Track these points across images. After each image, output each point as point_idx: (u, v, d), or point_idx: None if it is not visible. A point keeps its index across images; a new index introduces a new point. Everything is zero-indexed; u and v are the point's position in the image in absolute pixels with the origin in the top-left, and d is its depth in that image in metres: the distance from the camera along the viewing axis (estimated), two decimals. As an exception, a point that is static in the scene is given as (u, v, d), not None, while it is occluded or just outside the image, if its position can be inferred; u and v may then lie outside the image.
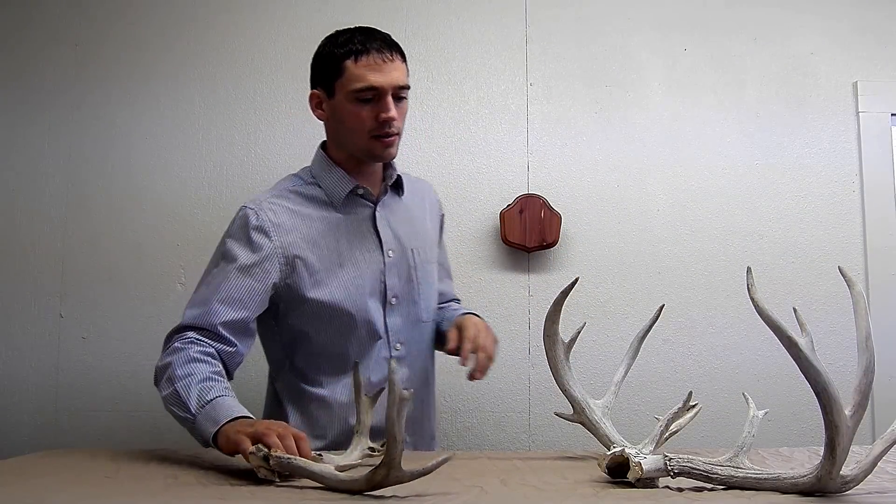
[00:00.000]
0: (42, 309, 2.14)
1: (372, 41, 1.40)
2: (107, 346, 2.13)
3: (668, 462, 0.95)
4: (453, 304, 1.72)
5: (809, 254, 2.21)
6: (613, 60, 2.26)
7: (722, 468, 0.95)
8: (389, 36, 1.44)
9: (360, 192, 1.48)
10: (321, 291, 1.41)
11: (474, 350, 1.39)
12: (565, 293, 1.14)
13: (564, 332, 1.21)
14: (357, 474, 0.94)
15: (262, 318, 1.44)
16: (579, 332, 1.24)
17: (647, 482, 0.97)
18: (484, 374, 1.39)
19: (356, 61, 1.38)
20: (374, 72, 1.38)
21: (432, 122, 2.20)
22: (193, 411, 1.20)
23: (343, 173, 1.48)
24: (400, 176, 1.55)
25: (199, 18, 2.23)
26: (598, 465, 1.04)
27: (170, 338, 1.34)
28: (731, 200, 2.22)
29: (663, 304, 1.27)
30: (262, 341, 1.51)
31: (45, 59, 2.21)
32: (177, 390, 1.23)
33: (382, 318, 1.47)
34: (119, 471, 1.12)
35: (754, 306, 0.89)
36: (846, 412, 0.88)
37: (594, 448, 1.29)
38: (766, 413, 1.03)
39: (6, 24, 2.22)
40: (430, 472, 0.90)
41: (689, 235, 2.21)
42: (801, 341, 0.88)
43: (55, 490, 0.99)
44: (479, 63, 2.24)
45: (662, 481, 0.98)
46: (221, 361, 1.32)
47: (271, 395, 1.54)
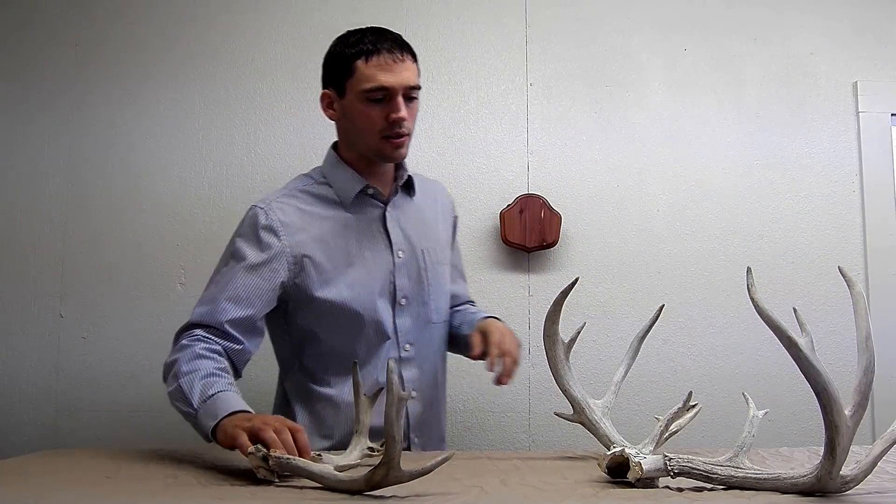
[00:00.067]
0: (42, 309, 2.14)
1: (383, 41, 1.40)
2: (107, 346, 2.13)
3: (668, 462, 0.95)
4: (468, 306, 1.70)
5: (809, 254, 2.21)
6: (613, 60, 2.26)
7: (722, 468, 0.95)
8: (401, 36, 1.43)
9: (371, 191, 1.48)
10: (329, 291, 1.41)
11: (500, 355, 1.39)
12: (565, 293, 1.14)
13: (564, 332, 1.21)
14: (356, 474, 0.94)
15: (272, 317, 1.44)
16: (579, 332, 1.24)
17: (647, 482, 0.97)
18: (510, 379, 1.39)
19: (367, 61, 1.38)
20: (384, 72, 1.37)
21: (432, 122, 2.20)
22: (196, 406, 1.20)
23: (353, 173, 1.47)
24: (411, 176, 1.54)
25: (199, 18, 2.24)
26: (598, 465, 1.04)
27: (179, 335, 1.36)
28: (731, 200, 2.22)
29: (663, 304, 1.27)
30: (271, 340, 1.51)
31: (45, 59, 2.21)
32: (181, 386, 1.24)
33: (392, 318, 1.47)
34: (119, 471, 1.12)
35: (754, 306, 0.89)
36: (846, 412, 0.88)
37: (594, 448, 1.29)
38: (766, 413, 1.03)
39: (6, 24, 2.22)
40: (430, 471, 0.90)
41: (689, 235, 2.21)
42: (801, 341, 0.88)
43: (55, 490, 0.99)
44: (479, 63, 2.24)
45: (662, 481, 0.98)
46: (228, 359, 1.33)
47: (280, 394, 1.54)
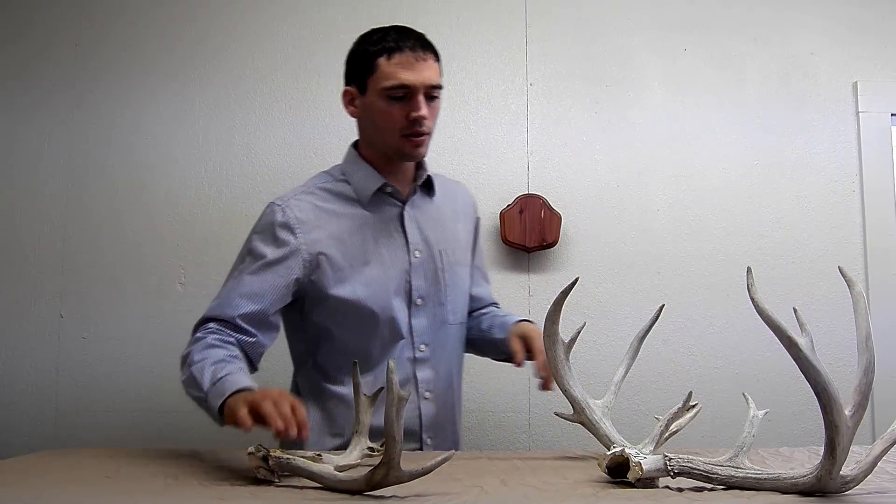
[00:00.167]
0: (42, 309, 2.14)
1: (406, 39, 1.40)
2: (107, 346, 2.13)
3: (668, 462, 0.95)
4: (494, 308, 1.69)
5: (809, 254, 2.21)
6: (613, 60, 2.26)
7: (722, 468, 0.95)
8: (424, 35, 1.43)
9: (389, 189, 1.47)
10: (344, 289, 1.41)
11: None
12: (565, 293, 1.14)
13: (564, 332, 1.21)
14: (356, 474, 0.94)
15: (288, 313, 1.45)
16: (579, 332, 1.23)
17: (647, 482, 0.97)
18: (553, 384, 1.35)
19: (389, 59, 1.38)
20: (406, 70, 1.37)
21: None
22: (205, 389, 1.21)
23: (372, 171, 1.47)
24: (430, 176, 1.53)
25: (199, 19, 2.24)
26: (598, 465, 1.04)
27: (195, 329, 1.37)
28: (731, 200, 2.22)
29: (663, 304, 1.27)
30: (286, 336, 1.52)
31: (45, 58, 2.21)
32: (192, 373, 1.25)
33: (407, 318, 1.46)
34: (119, 471, 1.12)
35: (754, 306, 0.89)
36: (846, 412, 0.88)
37: (594, 448, 1.29)
38: (766, 413, 1.03)
39: (6, 24, 2.22)
40: (430, 472, 0.90)
41: (689, 235, 2.21)
42: (801, 341, 0.87)
43: (55, 490, 0.99)
44: (479, 63, 2.24)
45: (662, 481, 0.98)
46: (242, 351, 1.34)
47: (293, 391, 1.54)
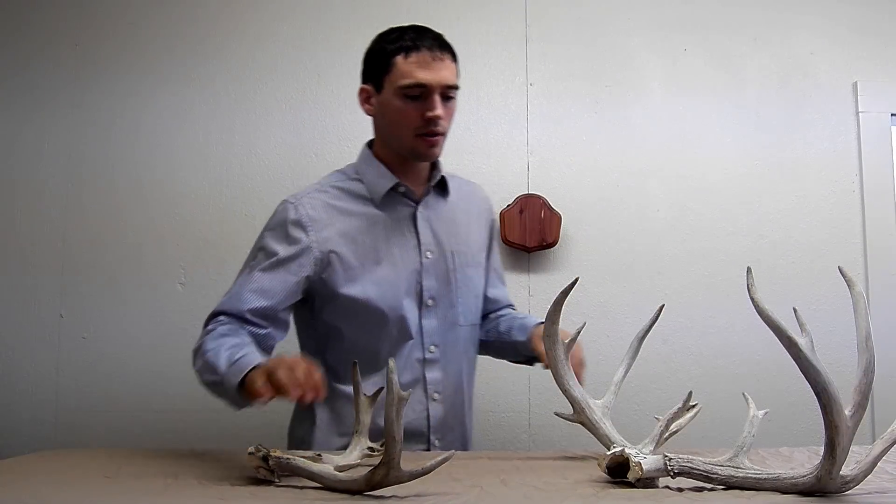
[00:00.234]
0: (42, 309, 2.14)
1: (423, 39, 1.39)
2: (107, 346, 2.13)
3: (668, 462, 0.95)
4: (510, 310, 1.68)
5: (809, 254, 2.21)
6: (613, 60, 2.26)
7: (722, 468, 0.95)
8: (442, 36, 1.43)
9: (402, 189, 1.47)
10: (355, 288, 1.41)
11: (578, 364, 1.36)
12: (565, 293, 1.14)
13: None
14: (356, 474, 0.94)
15: (299, 311, 1.45)
16: (579, 332, 1.23)
17: (647, 482, 0.97)
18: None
19: (406, 57, 1.38)
20: (422, 69, 1.37)
21: (432, 122, 2.20)
22: (222, 371, 1.21)
23: (385, 170, 1.47)
24: (444, 177, 1.53)
25: (199, 19, 2.24)
26: (598, 465, 1.04)
27: (206, 323, 1.38)
28: (731, 200, 2.22)
29: (663, 304, 1.27)
30: (297, 334, 1.52)
31: (45, 58, 2.21)
32: (207, 359, 1.26)
33: (418, 319, 1.46)
34: (119, 471, 1.12)
35: (754, 306, 0.89)
36: (846, 412, 0.88)
37: (594, 448, 1.29)
38: (766, 413, 1.03)
39: (6, 24, 2.22)
40: (430, 471, 0.90)
41: (689, 235, 2.21)
42: (801, 341, 0.87)
43: (55, 490, 0.99)
44: (479, 63, 2.24)
45: (662, 481, 0.98)
46: (255, 341, 1.34)
47: None
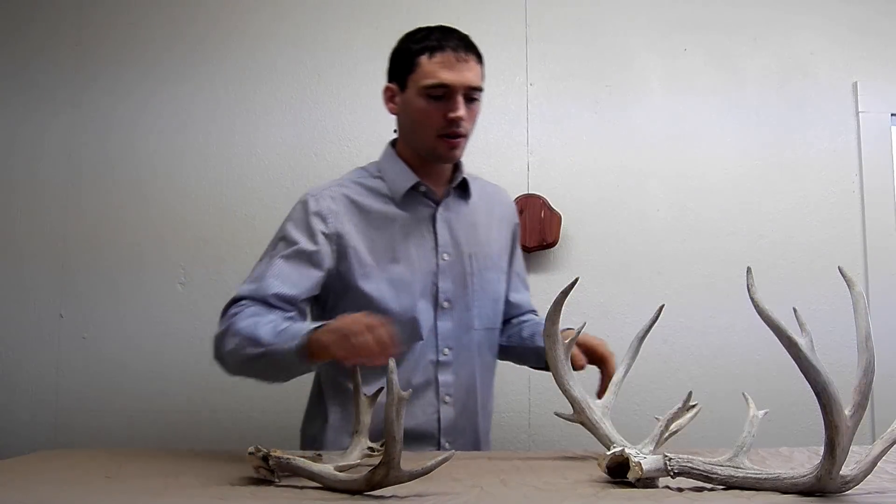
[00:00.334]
0: (42, 309, 2.14)
1: (449, 39, 1.39)
2: (107, 346, 2.13)
3: (668, 462, 0.95)
4: (532, 315, 1.68)
5: (809, 254, 2.21)
6: (613, 60, 2.26)
7: (722, 468, 0.95)
8: (468, 37, 1.43)
9: (423, 189, 1.46)
10: (369, 284, 1.41)
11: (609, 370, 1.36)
12: (565, 293, 1.14)
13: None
14: (356, 474, 0.94)
15: (312, 309, 1.45)
16: (579, 332, 1.24)
17: (647, 482, 0.97)
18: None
19: (430, 57, 1.38)
20: (446, 69, 1.37)
21: (432, 122, 2.19)
22: (267, 341, 1.20)
23: (406, 169, 1.46)
24: (466, 179, 1.52)
25: (199, 19, 2.24)
26: (598, 465, 1.04)
27: (226, 309, 1.35)
28: (731, 200, 2.22)
29: (663, 304, 1.27)
30: None
31: (46, 58, 2.21)
32: (244, 335, 1.24)
33: (433, 320, 1.45)
34: (119, 471, 1.12)
35: (754, 306, 0.89)
36: (846, 412, 0.88)
37: (594, 448, 1.29)
38: (766, 413, 1.03)
39: (6, 24, 2.22)
40: (430, 471, 0.90)
41: (689, 235, 2.21)
42: (801, 341, 0.87)
43: (55, 490, 0.99)
44: (479, 63, 2.23)
45: (662, 481, 0.98)
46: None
47: (315, 389, 1.54)
